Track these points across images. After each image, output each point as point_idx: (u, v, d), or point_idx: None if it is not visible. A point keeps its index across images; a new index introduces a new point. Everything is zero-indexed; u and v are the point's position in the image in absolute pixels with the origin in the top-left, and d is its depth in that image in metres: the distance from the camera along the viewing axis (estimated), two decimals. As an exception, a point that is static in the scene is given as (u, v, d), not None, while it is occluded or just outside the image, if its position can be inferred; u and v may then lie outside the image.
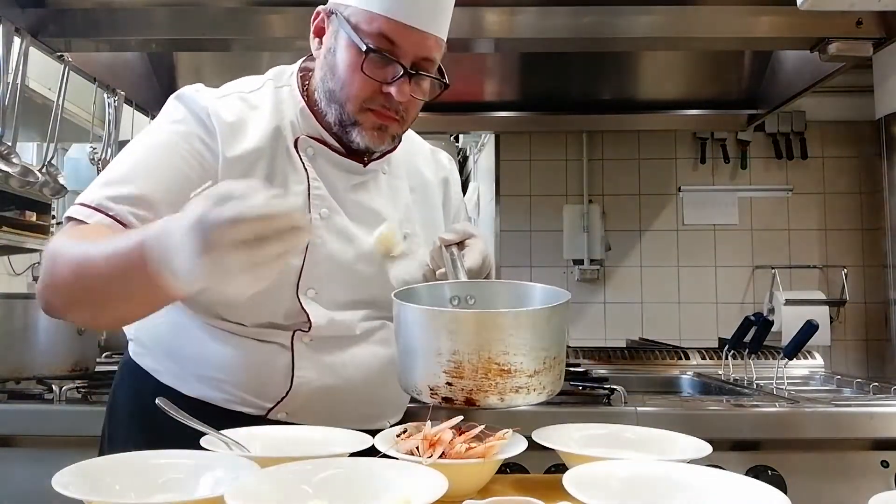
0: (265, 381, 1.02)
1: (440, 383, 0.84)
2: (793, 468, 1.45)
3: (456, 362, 0.83)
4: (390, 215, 1.11)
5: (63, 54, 1.96)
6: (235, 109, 1.02)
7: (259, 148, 1.01)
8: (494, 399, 0.83)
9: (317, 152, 1.06)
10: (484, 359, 0.83)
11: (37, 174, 1.96)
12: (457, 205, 1.31)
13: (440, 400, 0.85)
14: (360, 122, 1.02)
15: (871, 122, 2.45)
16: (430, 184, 1.23)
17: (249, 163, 1.00)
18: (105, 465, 0.72)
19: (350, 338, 1.06)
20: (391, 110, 1.02)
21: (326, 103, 1.04)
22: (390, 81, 1.00)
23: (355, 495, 0.69)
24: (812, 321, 1.77)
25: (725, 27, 1.80)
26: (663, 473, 0.73)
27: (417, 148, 1.26)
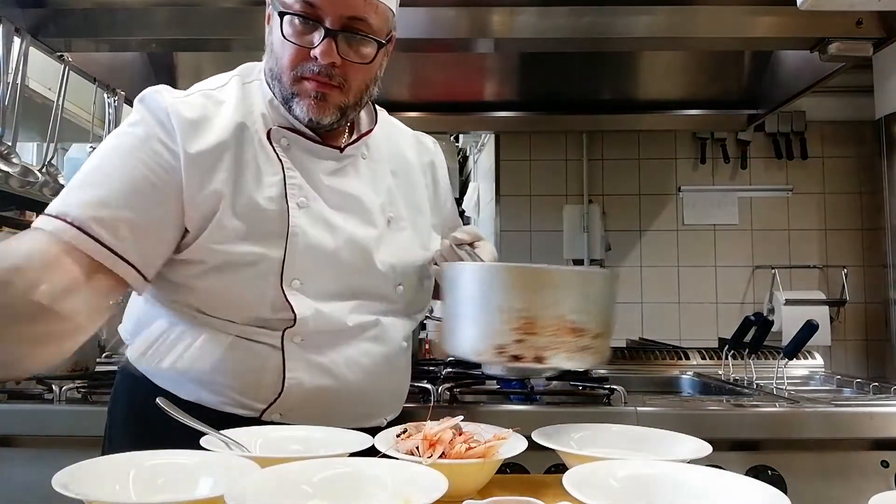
0: (257, 382, 1.02)
1: (508, 341, 0.83)
2: (793, 468, 1.44)
3: (528, 319, 0.82)
4: (371, 199, 1.10)
5: (63, 54, 1.96)
6: (198, 106, 1.02)
7: (223, 142, 1.01)
8: (562, 357, 0.83)
9: (291, 142, 1.06)
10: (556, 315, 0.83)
11: (37, 174, 1.96)
12: (445, 188, 1.31)
13: (508, 358, 0.84)
14: (297, 92, 1.02)
15: (871, 122, 2.45)
16: (414, 166, 1.22)
17: (214, 157, 0.99)
18: (105, 465, 0.72)
19: (342, 336, 1.05)
20: (322, 75, 1.01)
21: (271, 83, 1.05)
22: (314, 46, 0.99)
23: (355, 495, 0.69)
24: (812, 321, 1.77)
25: (725, 27, 1.80)
26: (663, 473, 0.73)
27: (399, 132, 1.26)
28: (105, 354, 2.25)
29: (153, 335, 1.07)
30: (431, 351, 2.20)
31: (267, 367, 1.01)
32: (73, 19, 1.85)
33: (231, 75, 1.10)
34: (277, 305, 1.00)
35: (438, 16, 1.76)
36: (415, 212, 1.19)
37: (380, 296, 1.10)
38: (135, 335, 1.11)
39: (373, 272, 1.08)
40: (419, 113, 2.51)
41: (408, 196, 1.19)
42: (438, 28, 1.77)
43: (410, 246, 1.15)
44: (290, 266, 1.01)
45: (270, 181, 1.02)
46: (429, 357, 2.17)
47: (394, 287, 1.11)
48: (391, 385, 1.15)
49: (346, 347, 1.05)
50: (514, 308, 0.83)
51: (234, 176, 1.00)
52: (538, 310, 0.82)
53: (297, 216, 1.02)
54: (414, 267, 1.15)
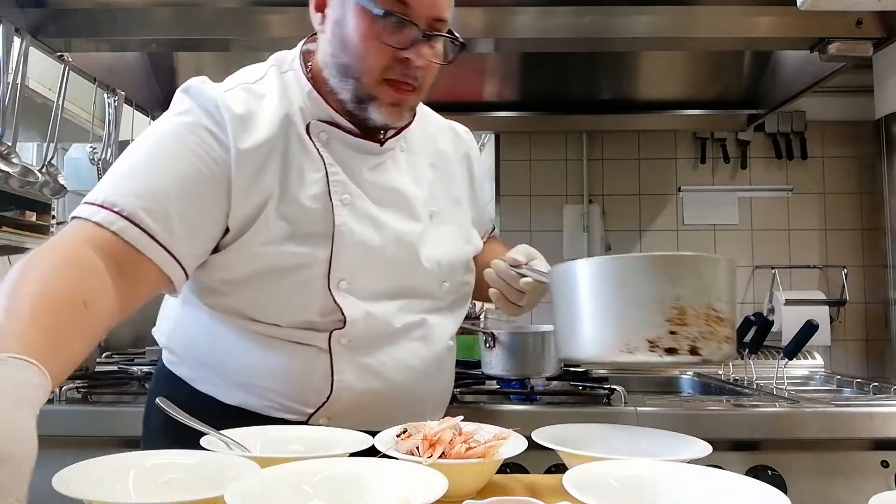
0: (305, 386, 0.99)
1: (663, 333, 0.80)
2: (793, 468, 1.45)
3: (681, 309, 0.79)
4: (413, 193, 1.07)
5: (63, 54, 1.96)
6: (242, 100, 0.97)
7: (271, 138, 0.97)
8: (713, 347, 0.80)
9: (330, 136, 1.02)
10: (705, 304, 0.80)
11: (37, 174, 1.96)
12: (480, 180, 1.28)
13: (662, 352, 0.80)
14: (378, 96, 0.98)
15: (871, 122, 2.45)
16: (451, 158, 1.18)
17: (263, 155, 0.96)
18: (105, 465, 0.72)
19: (389, 337, 1.02)
20: (410, 77, 0.97)
21: (340, 80, 0.99)
22: (408, 47, 0.95)
23: (355, 495, 0.69)
24: (812, 321, 1.77)
25: (725, 27, 1.80)
26: (663, 473, 0.73)
27: (435, 122, 1.21)
28: (105, 354, 2.25)
29: (191, 339, 1.05)
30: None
31: (314, 370, 0.99)
32: (73, 19, 1.85)
33: (267, 66, 1.05)
34: (326, 308, 0.97)
35: (438, 16, 1.76)
36: (454, 205, 1.15)
37: (426, 293, 1.07)
38: (172, 339, 1.08)
39: (419, 269, 1.04)
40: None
41: (447, 189, 1.15)
42: (438, 28, 1.76)
43: (454, 240, 1.12)
44: (336, 266, 0.97)
45: (313, 178, 0.98)
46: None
47: (439, 284, 1.08)
48: (439, 386, 1.12)
49: (394, 348, 1.02)
50: (668, 297, 0.79)
51: (281, 174, 0.97)
52: (689, 299, 0.79)
53: (342, 214, 0.99)
54: (459, 262, 1.11)
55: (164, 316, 1.13)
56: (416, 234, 1.05)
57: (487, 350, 1.65)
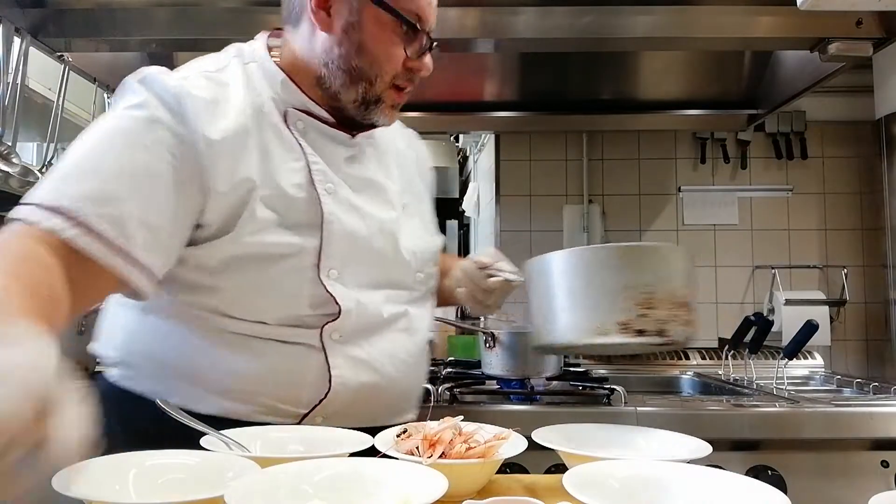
0: (299, 386, 0.96)
1: (633, 317, 0.87)
2: (793, 468, 1.45)
3: (649, 294, 0.86)
4: (387, 185, 1.09)
5: (63, 54, 1.96)
6: (206, 88, 0.94)
7: (244, 126, 0.94)
8: (679, 330, 0.88)
9: (307, 125, 1.01)
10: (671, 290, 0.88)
11: (37, 174, 1.96)
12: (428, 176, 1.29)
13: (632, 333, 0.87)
14: (385, 99, 1.01)
15: (871, 122, 2.45)
16: (408, 158, 1.22)
17: (238, 143, 0.93)
18: (105, 465, 0.72)
19: (377, 330, 1.02)
20: (412, 83, 1.02)
21: (348, 82, 1.00)
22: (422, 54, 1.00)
23: (355, 495, 0.69)
24: (812, 321, 1.77)
25: (725, 27, 1.80)
26: (663, 473, 0.73)
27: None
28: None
29: (155, 350, 0.97)
30: (431, 350, 2.20)
31: (309, 368, 0.96)
32: (73, 19, 1.85)
33: (227, 56, 1.03)
34: (317, 300, 0.96)
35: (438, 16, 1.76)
36: (418, 200, 1.18)
37: (405, 285, 1.08)
38: (128, 351, 1.00)
39: (399, 259, 1.06)
40: (419, 113, 2.51)
41: (409, 183, 1.18)
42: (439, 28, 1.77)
43: (423, 233, 1.14)
44: (326, 255, 0.96)
45: (293, 167, 0.97)
46: (428, 357, 2.17)
47: (414, 275, 1.10)
48: (421, 376, 1.14)
49: (382, 341, 1.03)
50: (639, 284, 0.86)
51: (260, 162, 0.95)
52: (658, 284, 0.86)
53: (329, 203, 0.98)
54: (429, 254, 1.14)
55: (113, 327, 1.02)
56: (396, 223, 1.06)
57: (487, 350, 1.65)
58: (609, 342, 0.88)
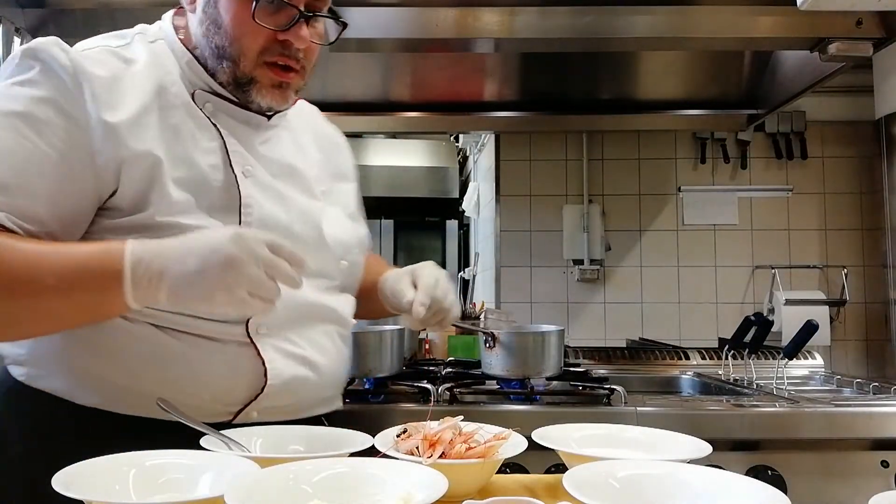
0: (232, 383, 0.93)
1: None
2: (793, 468, 1.44)
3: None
4: (306, 171, 1.05)
5: (63, 54, 1.96)
6: (106, 63, 0.90)
7: (144, 105, 0.90)
8: None
9: (216, 107, 0.97)
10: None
11: (37, 174, 1.96)
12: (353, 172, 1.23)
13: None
14: (258, 78, 0.94)
15: (871, 122, 2.45)
16: (330, 139, 1.19)
17: (140, 122, 0.89)
18: (105, 465, 0.72)
19: (301, 320, 0.98)
20: (291, 59, 0.94)
21: (215, 61, 0.94)
22: (286, 28, 0.91)
23: (355, 495, 0.69)
24: (812, 321, 1.77)
25: (725, 27, 1.80)
26: (663, 473, 0.73)
27: (306, 105, 1.20)
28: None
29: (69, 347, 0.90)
30: (431, 351, 2.20)
31: (241, 365, 0.93)
32: (73, 19, 1.85)
33: (131, 33, 0.98)
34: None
35: (439, 16, 1.76)
36: (340, 184, 1.14)
37: (328, 273, 1.04)
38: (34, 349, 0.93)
39: (323, 247, 1.02)
40: (419, 113, 2.51)
41: (332, 168, 1.14)
42: (438, 28, 1.77)
43: (343, 220, 1.10)
44: None
45: (208, 147, 0.93)
46: (429, 357, 2.17)
47: (337, 263, 1.06)
48: (346, 364, 1.10)
49: (309, 331, 1.00)
50: None
51: (165, 141, 0.90)
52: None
53: (247, 186, 0.94)
54: (354, 241, 1.10)
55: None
56: (317, 209, 1.03)
57: (487, 350, 1.65)
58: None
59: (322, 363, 1.01)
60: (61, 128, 0.86)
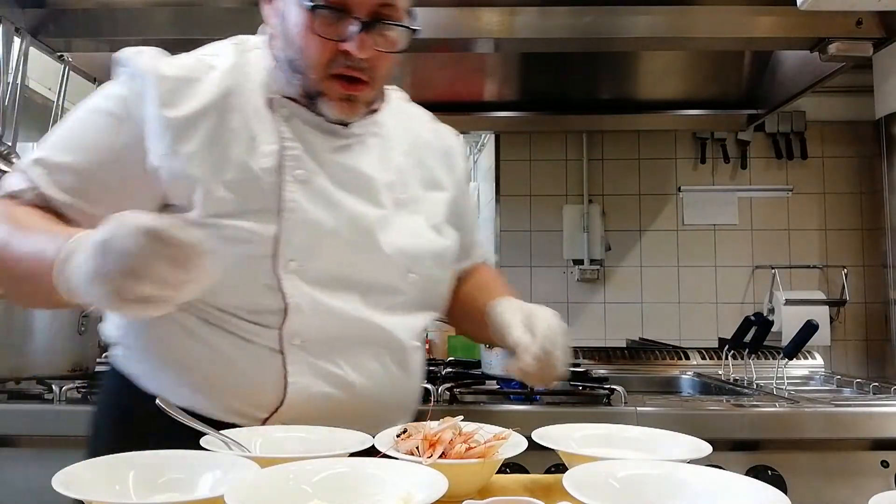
0: (257, 388, 0.93)
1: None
2: (793, 468, 1.45)
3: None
4: (379, 178, 1.01)
5: (63, 54, 1.96)
6: (184, 67, 0.95)
7: (204, 107, 0.93)
8: None
9: (293, 112, 0.98)
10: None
11: (37, 174, 1.96)
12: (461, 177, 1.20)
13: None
14: (325, 91, 0.94)
15: (871, 122, 2.45)
16: (430, 147, 1.13)
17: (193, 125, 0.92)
18: (105, 465, 0.72)
19: (346, 338, 0.96)
20: (356, 70, 0.93)
21: (290, 74, 0.96)
22: (347, 38, 0.90)
23: (355, 495, 0.69)
24: (812, 321, 1.77)
25: (725, 27, 1.80)
26: (663, 473, 0.73)
27: (416, 112, 1.17)
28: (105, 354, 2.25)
29: (145, 331, 0.97)
30: (431, 351, 2.20)
31: (267, 371, 0.93)
32: (73, 19, 1.85)
33: (228, 42, 1.03)
34: (270, 293, 0.91)
35: (439, 16, 1.76)
36: (430, 192, 1.09)
37: (389, 287, 1.00)
38: (126, 332, 1.02)
39: (378, 256, 0.97)
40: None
41: (422, 176, 1.09)
42: (439, 28, 1.77)
43: (422, 230, 1.04)
44: (285, 245, 0.91)
45: (266, 150, 0.94)
46: (429, 357, 2.17)
47: (404, 275, 1.00)
48: (403, 389, 1.04)
49: (352, 349, 0.96)
50: None
51: (218, 143, 0.93)
52: None
53: (293, 190, 0.94)
54: (427, 253, 1.04)
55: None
56: (374, 218, 0.98)
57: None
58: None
59: (360, 384, 0.96)
60: (121, 122, 0.93)
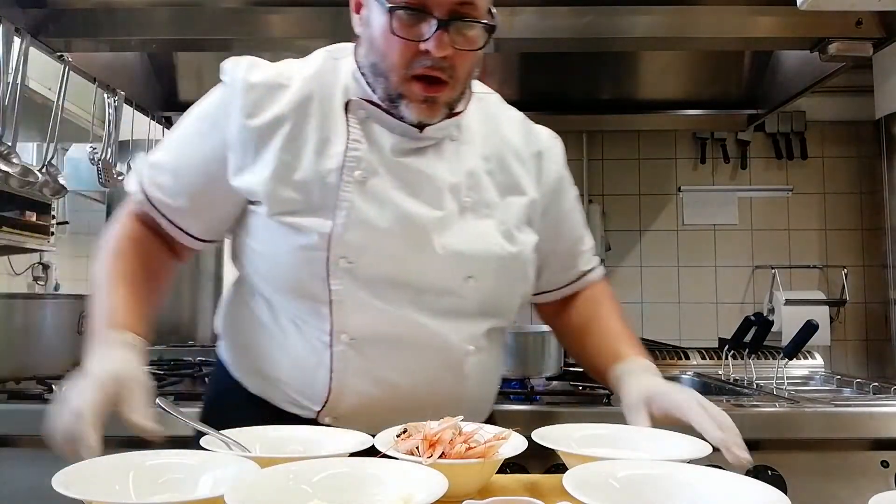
0: (309, 381, 0.98)
1: None
2: (793, 468, 1.44)
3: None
4: (444, 180, 1.00)
5: (63, 54, 1.96)
6: (271, 74, 1.00)
7: (283, 114, 0.97)
8: None
9: (370, 114, 0.99)
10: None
11: (37, 174, 1.96)
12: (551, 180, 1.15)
13: None
14: (406, 94, 0.94)
15: (871, 122, 2.45)
16: (516, 152, 1.09)
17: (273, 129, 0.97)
18: (105, 465, 0.72)
19: (395, 338, 0.97)
20: (436, 70, 0.93)
21: (373, 79, 0.97)
22: (425, 38, 0.91)
23: (355, 495, 0.69)
24: (812, 321, 1.77)
25: (725, 27, 1.80)
26: (663, 473, 0.73)
27: (507, 115, 1.15)
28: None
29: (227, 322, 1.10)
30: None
31: (318, 365, 0.97)
32: (73, 19, 1.85)
33: (321, 51, 1.06)
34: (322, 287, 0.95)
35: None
36: (507, 196, 1.06)
37: (444, 289, 0.98)
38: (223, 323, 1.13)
39: (431, 258, 0.97)
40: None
41: (501, 180, 1.06)
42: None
43: (489, 235, 1.02)
44: (338, 242, 0.94)
45: (332, 152, 0.97)
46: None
47: (461, 280, 0.99)
48: (454, 393, 1.01)
49: (400, 350, 0.97)
50: None
51: (291, 148, 0.97)
52: None
53: (350, 190, 0.96)
54: (493, 258, 1.01)
55: (222, 301, 1.16)
56: (431, 220, 0.98)
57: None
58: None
59: (406, 388, 0.97)
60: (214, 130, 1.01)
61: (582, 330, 1.20)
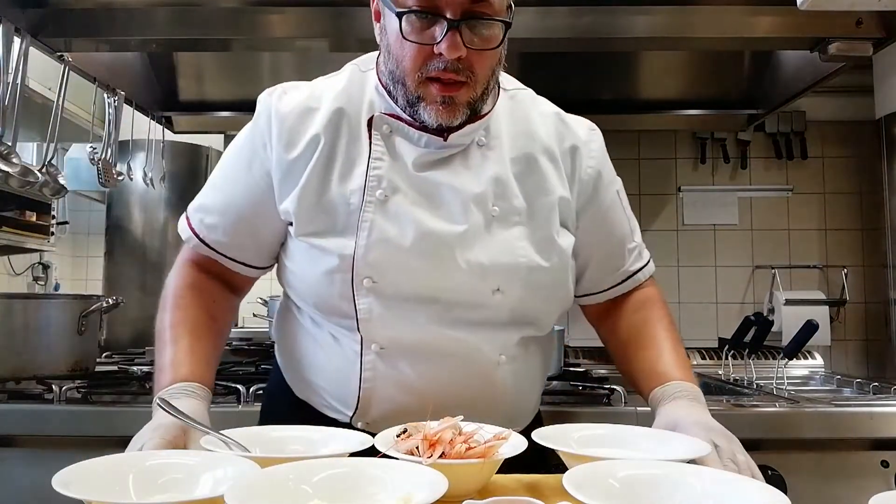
0: (342, 386, 1.01)
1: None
2: (793, 468, 1.44)
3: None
4: (468, 191, 0.98)
5: (63, 54, 1.96)
6: (301, 101, 1.01)
7: (317, 136, 0.99)
8: None
9: (393, 129, 0.99)
10: None
11: (37, 174, 1.96)
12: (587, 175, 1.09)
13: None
14: (423, 97, 0.94)
15: (871, 122, 2.45)
16: (547, 150, 1.05)
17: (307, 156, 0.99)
18: (105, 465, 0.72)
19: (423, 348, 0.97)
20: (451, 72, 0.91)
21: (393, 86, 0.97)
22: (435, 40, 0.90)
23: (355, 495, 0.69)
24: (812, 321, 1.77)
25: (725, 27, 1.80)
26: (663, 473, 0.73)
27: (540, 111, 1.11)
28: (105, 354, 2.25)
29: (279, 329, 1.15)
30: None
31: (350, 371, 1.00)
32: (73, 19, 1.85)
33: (351, 64, 1.07)
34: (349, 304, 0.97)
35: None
36: (536, 204, 1.02)
37: (473, 303, 0.98)
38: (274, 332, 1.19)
39: (455, 273, 0.96)
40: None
41: (530, 185, 1.02)
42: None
43: (516, 246, 0.99)
44: (361, 263, 0.95)
45: (357, 172, 0.98)
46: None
47: (489, 292, 0.97)
48: (485, 402, 1.00)
49: (429, 360, 0.98)
50: None
51: (323, 170, 0.99)
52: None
53: (371, 210, 0.96)
54: (520, 269, 0.99)
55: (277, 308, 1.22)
56: (454, 235, 0.96)
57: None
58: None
59: (435, 394, 0.96)
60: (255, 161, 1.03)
61: (627, 343, 1.13)
